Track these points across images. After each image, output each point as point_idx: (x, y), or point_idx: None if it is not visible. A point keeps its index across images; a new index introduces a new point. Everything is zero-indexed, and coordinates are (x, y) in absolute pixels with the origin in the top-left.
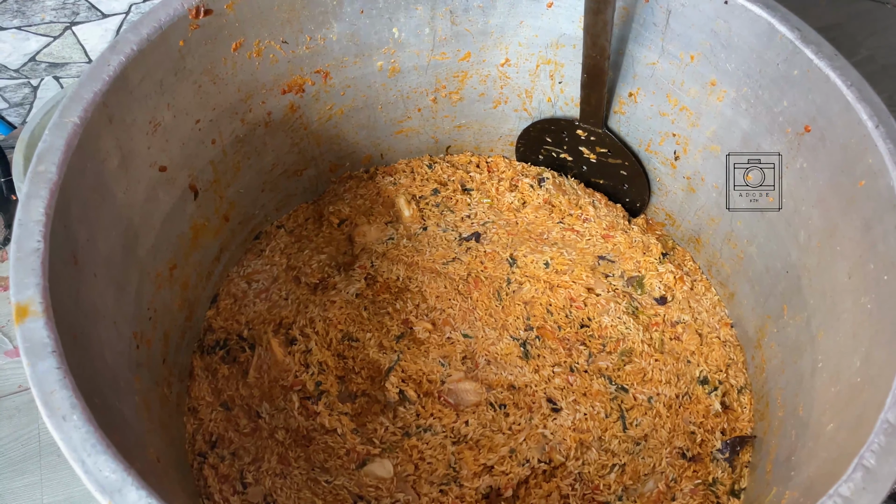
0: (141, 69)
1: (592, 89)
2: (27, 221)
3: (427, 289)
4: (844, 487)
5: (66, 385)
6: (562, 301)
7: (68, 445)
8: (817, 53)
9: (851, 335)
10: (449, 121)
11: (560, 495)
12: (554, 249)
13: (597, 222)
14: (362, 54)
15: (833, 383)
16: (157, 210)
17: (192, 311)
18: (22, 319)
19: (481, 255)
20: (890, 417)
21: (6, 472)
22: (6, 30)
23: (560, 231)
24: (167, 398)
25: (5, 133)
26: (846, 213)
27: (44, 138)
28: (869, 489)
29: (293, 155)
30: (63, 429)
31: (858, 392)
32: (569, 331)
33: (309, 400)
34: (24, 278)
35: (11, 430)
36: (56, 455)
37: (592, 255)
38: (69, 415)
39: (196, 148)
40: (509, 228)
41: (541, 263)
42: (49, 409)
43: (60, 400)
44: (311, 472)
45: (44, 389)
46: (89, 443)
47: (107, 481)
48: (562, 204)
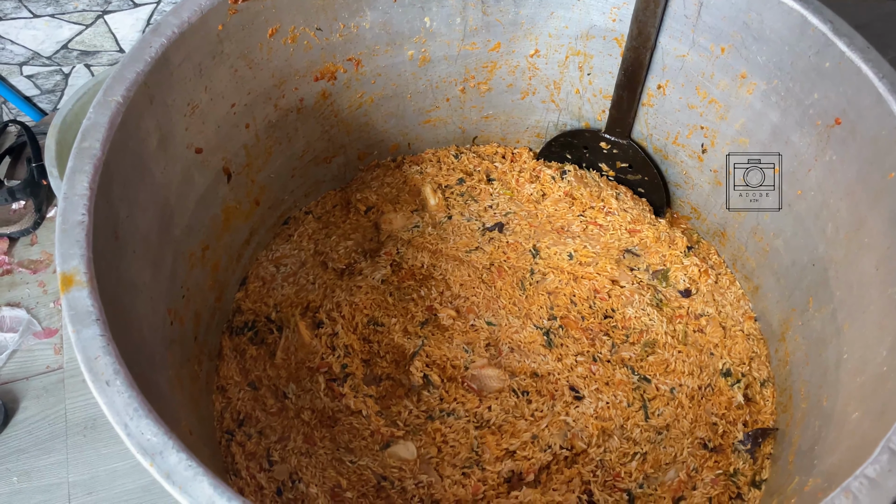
0: (181, 52)
1: (627, 89)
2: (72, 195)
3: (451, 277)
4: (870, 469)
5: (109, 352)
6: (586, 292)
7: (111, 409)
8: (850, 45)
9: (878, 326)
10: (476, 111)
11: (581, 481)
12: (577, 242)
13: (621, 216)
14: (394, 43)
15: (858, 374)
16: (191, 191)
17: (221, 291)
18: (67, 288)
19: (504, 245)
20: None
21: (33, 451)
22: (40, 17)
23: (582, 224)
24: (197, 375)
25: (37, 119)
26: (874, 206)
27: (88, 115)
28: (895, 471)
29: (323, 142)
30: (107, 393)
31: (884, 381)
32: (592, 321)
33: (335, 382)
34: (70, 249)
35: (39, 410)
36: (81, 435)
37: (618, 249)
38: (112, 380)
39: (230, 131)
40: (531, 220)
41: (564, 255)
42: (93, 375)
43: (104, 366)
44: (336, 451)
45: (88, 355)
46: (132, 407)
47: (149, 444)
48: (583, 196)
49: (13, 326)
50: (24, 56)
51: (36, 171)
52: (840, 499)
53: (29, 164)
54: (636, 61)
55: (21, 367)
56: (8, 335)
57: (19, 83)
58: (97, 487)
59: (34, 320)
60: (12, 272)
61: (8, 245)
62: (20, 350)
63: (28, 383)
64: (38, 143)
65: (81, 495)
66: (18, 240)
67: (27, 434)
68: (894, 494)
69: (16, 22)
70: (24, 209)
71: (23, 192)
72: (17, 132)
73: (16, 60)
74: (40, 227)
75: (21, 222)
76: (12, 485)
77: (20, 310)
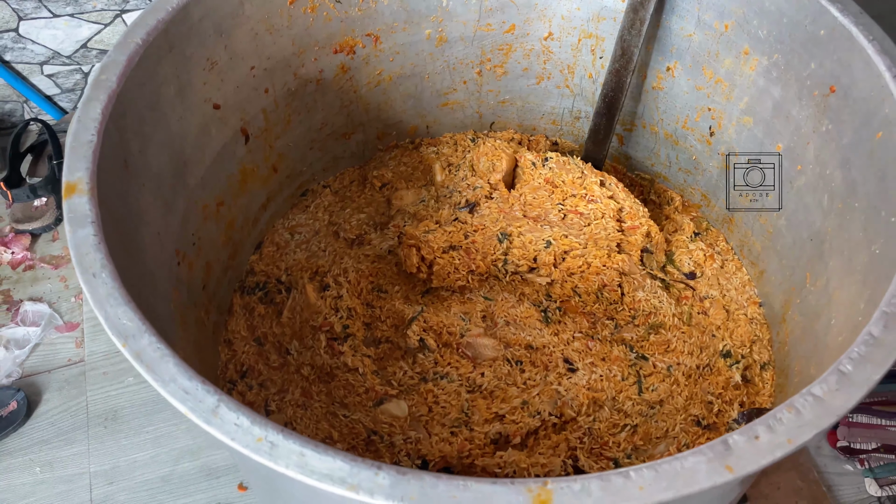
0: (202, 8)
1: (605, 116)
2: (84, 118)
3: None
4: (817, 388)
5: (99, 249)
6: (594, 286)
7: (94, 298)
8: (842, 11)
9: (861, 283)
10: (493, 95)
11: (568, 447)
12: (555, 230)
13: (604, 203)
14: (411, 21)
15: (840, 332)
16: (208, 145)
17: (236, 251)
18: (69, 195)
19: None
20: (873, 330)
21: (55, 442)
22: (60, 17)
23: (560, 212)
24: (204, 323)
25: (57, 118)
26: (865, 168)
27: (108, 54)
28: (843, 391)
29: (342, 117)
30: (92, 284)
31: (857, 330)
32: (597, 307)
33: (336, 341)
34: (76, 163)
35: (61, 402)
36: (102, 427)
37: (606, 240)
38: (98, 272)
39: (249, 93)
40: (502, 205)
41: (540, 243)
42: (82, 268)
43: (92, 261)
44: (331, 406)
45: (80, 252)
46: (112, 297)
47: (123, 327)
48: (564, 185)
49: (35, 320)
50: (44, 55)
51: (57, 168)
52: (782, 412)
53: (50, 161)
54: (618, 84)
55: (43, 360)
56: (30, 329)
57: (40, 82)
58: (117, 477)
59: (56, 314)
60: (34, 267)
61: (30, 241)
62: (42, 343)
63: (50, 376)
64: (58, 140)
65: (102, 485)
66: (40, 236)
67: (49, 425)
68: (840, 413)
69: (36, 22)
70: (46, 206)
71: (44, 189)
72: (38, 130)
73: (36, 60)
74: (61, 224)
75: (43, 219)
76: (35, 475)
77: (42, 304)
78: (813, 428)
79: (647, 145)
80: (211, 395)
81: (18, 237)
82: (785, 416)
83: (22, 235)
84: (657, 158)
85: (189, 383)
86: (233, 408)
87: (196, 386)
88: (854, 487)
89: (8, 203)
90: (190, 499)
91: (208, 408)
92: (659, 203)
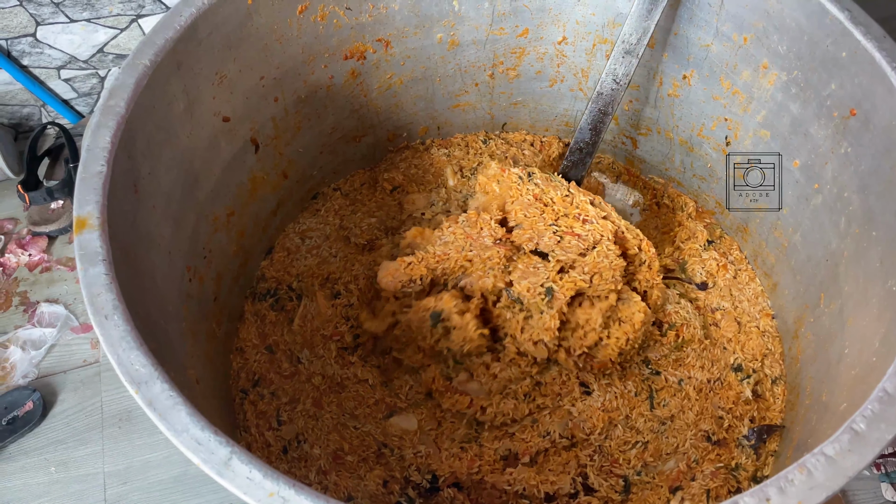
0: (210, 22)
1: (592, 131)
2: (94, 147)
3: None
4: (829, 447)
5: (111, 289)
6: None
7: (107, 341)
8: (866, 35)
9: (876, 318)
10: (505, 97)
11: (578, 464)
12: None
13: (601, 224)
14: (423, 25)
15: (853, 366)
16: (218, 157)
17: (247, 258)
18: (80, 231)
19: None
20: (888, 387)
21: (71, 442)
22: (76, 22)
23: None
24: (214, 334)
25: (74, 122)
26: (884, 198)
27: (116, 76)
28: (855, 451)
29: (353, 121)
30: (104, 326)
31: (871, 371)
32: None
33: (346, 350)
34: (86, 195)
35: (76, 402)
36: (117, 427)
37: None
38: (111, 314)
39: (259, 103)
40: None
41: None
42: (94, 308)
43: (104, 301)
44: (342, 417)
45: (92, 291)
46: (125, 340)
47: (136, 374)
48: (555, 203)
49: (52, 322)
50: (61, 60)
51: (73, 171)
52: (794, 473)
53: (67, 164)
54: (610, 95)
55: (59, 361)
56: (47, 330)
57: (57, 86)
58: (131, 477)
59: (72, 316)
60: (51, 269)
61: (47, 243)
62: (58, 344)
63: (66, 376)
64: (75, 144)
65: (116, 485)
66: (57, 238)
67: (65, 425)
68: (851, 474)
69: (53, 27)
70: (63, 208)
71: (61, 191)
72: (55, 134)
73: (53, 64)
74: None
75: (59, 221)
76: (50, 474)
77: (58, 305)
78: (824, 491)
79: (662, 150)
80: (223, 447)
81: (35, 239)
82: (797, 478)
83: (39, 238)
84: (671, 163)
85: (202, 434)
86: (245, 460)
87: (209, 437)
88: (870, 493)
89: (25, 206)
90: (202, 499)
91: (221, 460)
92: (672, 208)
